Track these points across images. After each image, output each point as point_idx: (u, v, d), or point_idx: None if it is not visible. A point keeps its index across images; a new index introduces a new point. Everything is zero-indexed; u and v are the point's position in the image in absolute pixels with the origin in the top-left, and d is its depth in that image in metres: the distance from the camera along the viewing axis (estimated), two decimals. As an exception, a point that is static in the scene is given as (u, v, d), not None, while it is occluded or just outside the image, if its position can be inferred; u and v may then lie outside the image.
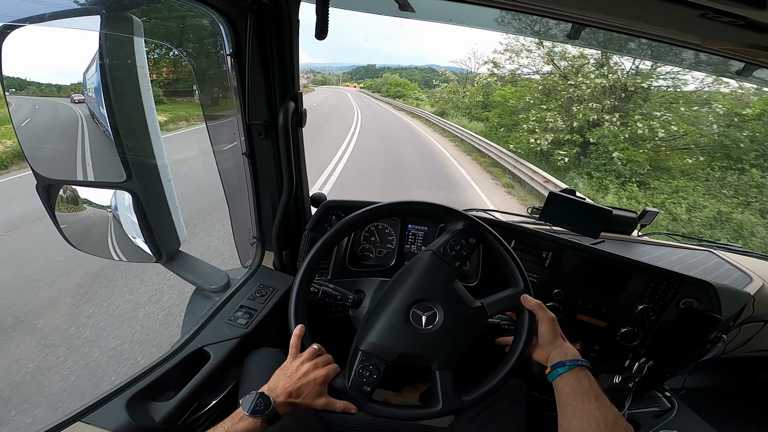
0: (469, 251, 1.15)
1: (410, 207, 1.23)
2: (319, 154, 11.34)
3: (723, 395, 2.30)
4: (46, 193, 1.26)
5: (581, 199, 1.63)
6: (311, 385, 1.00)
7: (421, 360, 1.07)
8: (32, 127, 1.36)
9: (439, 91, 34.40)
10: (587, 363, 1.02)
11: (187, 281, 1.55)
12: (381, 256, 1.70)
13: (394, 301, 1.11)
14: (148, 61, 1.19)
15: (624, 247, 1.85)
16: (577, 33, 1.24)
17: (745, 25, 0.80)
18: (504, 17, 1.32)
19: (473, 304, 1.11)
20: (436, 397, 1.05)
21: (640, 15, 1.00)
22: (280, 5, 1.15)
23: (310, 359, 1.03)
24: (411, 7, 1.36)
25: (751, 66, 1.14)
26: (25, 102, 1.30)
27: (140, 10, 1.10)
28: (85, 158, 1.30)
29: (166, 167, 1.37)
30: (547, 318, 1.09)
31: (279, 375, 1.02)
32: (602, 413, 0.91)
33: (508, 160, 11.41)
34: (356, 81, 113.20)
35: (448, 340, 1.07)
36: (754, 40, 0.87)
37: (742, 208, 10.15)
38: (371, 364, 1.06)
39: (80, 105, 1.23)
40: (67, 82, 1.37)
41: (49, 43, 1.15)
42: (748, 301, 1.54)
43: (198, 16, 1.13)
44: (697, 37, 0.98)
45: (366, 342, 1.08)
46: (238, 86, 1.26)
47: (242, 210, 1.59)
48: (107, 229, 1.48)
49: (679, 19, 0.90)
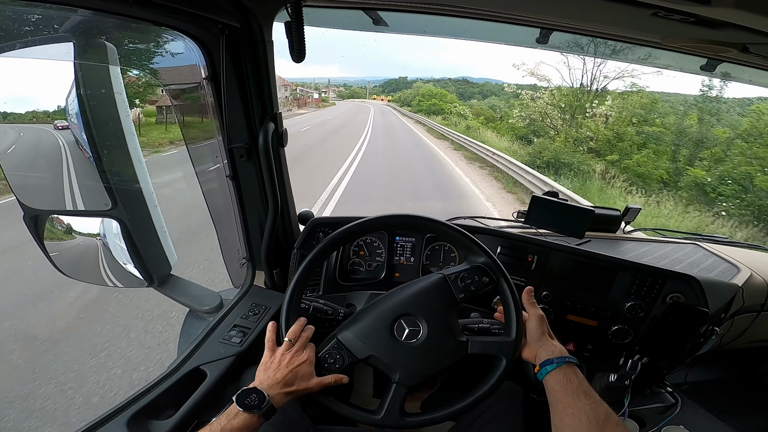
0: (477, 289, 1.14)
1: (396, 221, 1.25)
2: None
3: (726, 387, 2.29)
4: (33, 223, 1.27)
5: (564, 200, 1.65)
6: (300, 369, 1.01)
7: (385, 367, 1.07)
8: (17, 156, 1.37)
9: (524, 105, 22.49)
10: (575, 359, 1.02)
11: (181, 304, 1.56)
12: (371, 269, 1.72)
13: (386, 306, 1.12)
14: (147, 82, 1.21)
15: (610, 246, 1.87)
16: (545, 38, 1.27)
17: (696, 22, 0.82)
18: (474, 27, 1.35)
19: (459, 337, 1.10)
20: (382, 406, 1.05)
21: (601, 18, 1.03)
22: (253, 28, 1.17)
23: (288, 349, 1.04)
24: (384, 22, 1.40)
25: (713, 61, 1.17)
26: (9, 129, 1.30)
27: (114, 37, 1.12)
28: (72, 186, 1.32)
29: (151, 192, 1.38)
30: (536, 315, 1.10)
31: (261, 371, 1.02)
32: (593, 409, 0.91)
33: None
34: (386, 94, 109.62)
35: (419, 360, 1.07)
36: (709, 36, 0.90)
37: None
38: (339, 354, 1.07)
39: (64, 132, 1.25)
40: (47, 109, 1.38)
41: (25, 72, 1.17)
42: (737, 293, 1.54)
43: (172, 41, 1.15)
44: (655, 35, 1.01)
45: (344, 333, 1.09)
46: (216, 110, 1.28)
47: (230, 231, 1.60)
48: (98, 256, 1.49)
49: (635, 19, 0.93)
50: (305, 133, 23.63)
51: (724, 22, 0.79)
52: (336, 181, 10.43)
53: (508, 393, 1.26)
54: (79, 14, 0.97)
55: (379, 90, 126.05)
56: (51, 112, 1.38)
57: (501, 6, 1.15)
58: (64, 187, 1.32)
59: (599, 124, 18.46)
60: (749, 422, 2.03)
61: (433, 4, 1.22)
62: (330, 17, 1.39)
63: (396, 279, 1.69)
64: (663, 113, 18.55)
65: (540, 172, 11.52)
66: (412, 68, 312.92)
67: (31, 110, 1.40)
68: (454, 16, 1.27)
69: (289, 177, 1.57)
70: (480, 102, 29.32)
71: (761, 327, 1.78)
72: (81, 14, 0.97)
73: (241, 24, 1.12)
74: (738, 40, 0.89)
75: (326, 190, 9.37)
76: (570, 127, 19.39)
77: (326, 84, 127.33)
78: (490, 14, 1.20)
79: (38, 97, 1.39)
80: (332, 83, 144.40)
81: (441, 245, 1.70)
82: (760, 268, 1.78)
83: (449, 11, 1.24)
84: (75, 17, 0.99)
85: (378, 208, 8.96)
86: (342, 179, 10.67)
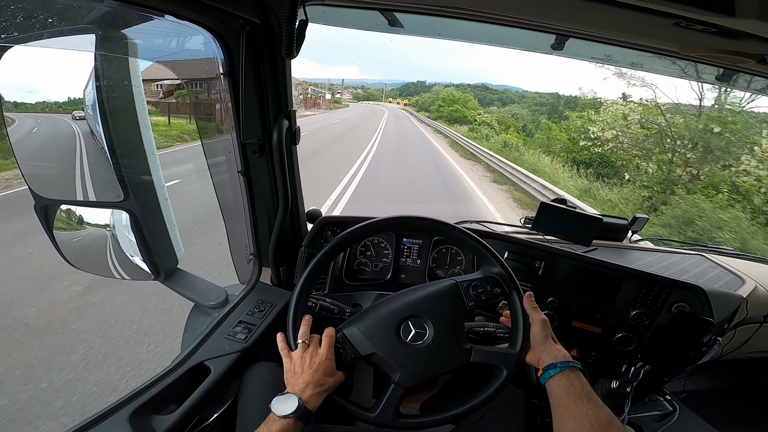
0: (488, 299, 1.15)
1: (404, 222, 1.25)
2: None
3: (724, 396, 2.30)
4: (44, 213, 1.27)
5: (572, 208, 1.65)
6: (324, 366, 1.03)
7: (387, 366, 1.07)
8: (30, 145, 1.37)
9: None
10: (578, 364, 1.02)
11: (186, 298, 1.56)
12: (377, 270, 1.72)
13: (395, 306, 1.12)
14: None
15: (616, 254, 1.87)
16: (561, 44, 1.27)
17: (717, 32, 0.83)
18: (488, 31, 1.35)
19: (463, 344, 1.11)
20: (378, 404, 1.06)
21: (618, 25, 1.04)
22: (272, 25, 1.17)
23: (304, 351, 1.06)
24: (400, 23, 1.40)
25: (729, 71, 1.18)
26: (26, 118, 1.31)
27: (135, 29, 1.12)
28: (84, 177, 1.32)
29: (162, 186, 1.39)
30: (539, 319, 1.10)
31: (289, 378, 1.04)
32: (595, 414, 0.92)
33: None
34: (403, 97, 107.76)
35: (422, 362, 1.08)
36: (727, 46, 0.91)
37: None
38: (343, 348, 1.08)
39: (80, 122, 1.25)
40: (66, 99, 1.39)
41: (47, 61, 1.17)
42: (741, 304, 1.55)
43: (191, 35, 1.16)
44: (674, 44, 1.02)
45: (350, 328, 1.10)
46: (232, 105, 1.28)
47: (239, 227, 1.60)
48: (106, 247, 1.49)
49: (655, 28, 0.93)
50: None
51: (745, 32, 0.80)
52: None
53: (509, 397, 1.26)
54: (104, 4, 0.98)
55: (396, 93, 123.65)
56: (64, 102, 1.39)
57: (515, 11, 1.15)
58: (76, 178, 1.33)
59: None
60: (746, 431, 2.04)
61: (449, 6, 1.22)
62: (346, 17, 1.39)
63: (402, 280, 1.69)
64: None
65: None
66: (431, 72, 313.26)
67: (48, 100, 1.40)
68: (469, 20, 1.28)
69: (300, 175, 1.57)
70: (500, 109, 24.62)
71: (763, 338, 1.79)
72: (106, 5, 0.98)
73: (261, 20, 1.13)
74: (756, 51, 0.90)
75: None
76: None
77: (340, 85, 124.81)
78: (505, 19, 1.20)
79: (56, 87, 1.39)
80: (349, 85, 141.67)
81: (448, 248, 1.70)
82: (765, 281, 1.78)
83: (464, 15, 1.24)
84: (100, 8, 1.00)
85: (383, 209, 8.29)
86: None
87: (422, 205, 9.33)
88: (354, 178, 11.17)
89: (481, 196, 10.98)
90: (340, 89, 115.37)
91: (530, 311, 1.12)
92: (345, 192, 9.46)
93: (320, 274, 1.21)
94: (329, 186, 9.76)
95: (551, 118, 23.43)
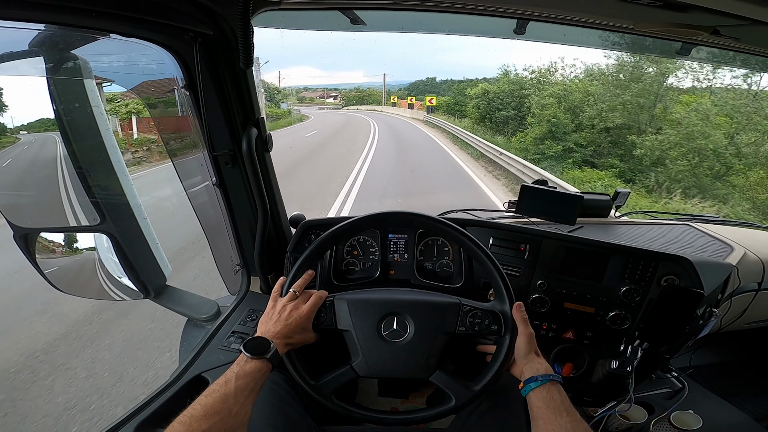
0: (480, 331, 1.15)
1: (385, 217, 1.28)
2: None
3: (731, 369, 2.29)
4: (24, 241, 1.28)
5: (552, 188, 1.65)
6: (298, 322, 1.08)
7: (352, 347, 1.13)
8: (10, 173, 1.38)
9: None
10: (559, 378, 1.05)
11: (178, 314, 1.57)
12: (365, 268, 1.72)
13: (392, 298, 1.18)
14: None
15: (602, 231, 1.86)
16: (522, 28, 1.27)
17: (664, 6, 0.82)
18: (451, 20, 1.35)
19: (431, 361, 1.12)
20: (323, 377, 1.09)
21: (571, 5, 1.03)
22: (226, 35, 1.15)
23: (290, 301, 1.10)
24: (362, 21, 1.39)
25: (688, 45, 1.17)
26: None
27: (86, 50, 1.11)
28: (72, 200, 1.32)
29: (139, 205, 1.39)
30: (526, 333, 1.12)
31: (263, 322, 1.09)
32: (573, 427, 0.94)
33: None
34: (414, 95, 62.04)
35: (384, 359, 1.11)
36: (679, 19, 0.90)
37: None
38: (326, 314, 1.15)
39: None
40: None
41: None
42: (731, 272, 1.53)
43: (146, 52, 1.14)
44: (627, 21, 1.01)
45: (341, 300, 1.17)
46: (197, 118, 1.28)
47: (222, 239, 1.61)
48: (94, 270, 1.50)
49: (607, 6, 0.93)
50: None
51: (691, 4, 0.79)
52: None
53: (509, 398, 1.26)
54: (45, 29, 0.97)
55: (404, 93, 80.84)
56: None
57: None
58: (63, 202, 1.33)
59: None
60: (759, 403, 2.03)
61: (409, 0, 1.21)
62: (306, 19, 1.38)
63: (391, 276, 1.69)
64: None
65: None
66: (432, 70, 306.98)
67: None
68: (431, 11, 1.27)
69: (277, 181, 1.57)
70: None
71: (761, 306, 1.78)
72: (47, 29, 0.97)
73: (213, 31, 1.11)
74: (707, 23, 0.89)
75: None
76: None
77: (302, 89, 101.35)
78: (466, 7, 1.20)
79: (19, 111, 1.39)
80: (350, 88, 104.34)
81: (434, 239, 1.69)
82: (753, 246, 1.77)
83: (425, 7, 1.24)
84: (42, 32, 0.99)
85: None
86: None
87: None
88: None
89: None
90: (307, 92, 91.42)
91: (519, 322, 1.13)
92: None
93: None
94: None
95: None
